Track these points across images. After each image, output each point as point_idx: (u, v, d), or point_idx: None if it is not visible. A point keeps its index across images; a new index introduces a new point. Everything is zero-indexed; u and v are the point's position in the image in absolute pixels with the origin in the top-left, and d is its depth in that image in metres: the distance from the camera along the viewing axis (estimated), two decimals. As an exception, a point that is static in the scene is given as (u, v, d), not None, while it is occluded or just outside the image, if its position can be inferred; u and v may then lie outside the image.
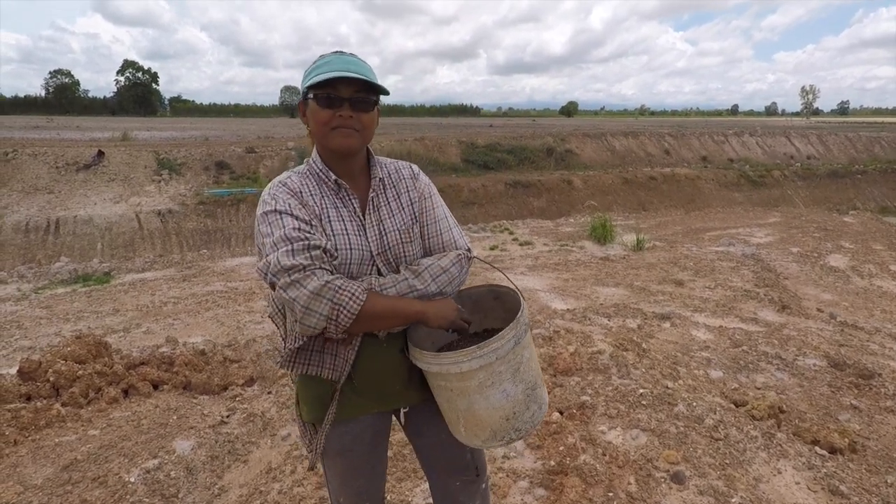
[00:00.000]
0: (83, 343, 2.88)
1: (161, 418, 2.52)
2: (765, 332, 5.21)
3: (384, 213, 1.30)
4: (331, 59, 1.22)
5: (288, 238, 1.11)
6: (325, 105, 1.18)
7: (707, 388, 2.82)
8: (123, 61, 72.97)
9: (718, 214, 15.77)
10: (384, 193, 1.33)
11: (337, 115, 1.18)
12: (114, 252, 9.97)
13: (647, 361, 2.97)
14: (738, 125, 35.34)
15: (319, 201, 1.23)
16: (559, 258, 8.57)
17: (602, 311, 5.72)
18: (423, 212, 1.36)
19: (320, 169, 1.28)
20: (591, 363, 2.79)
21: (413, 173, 1.41)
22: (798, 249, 9.09)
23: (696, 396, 2.57)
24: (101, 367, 2.80)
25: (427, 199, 1.38)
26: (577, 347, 2.94)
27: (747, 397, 2.78)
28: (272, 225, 1.15)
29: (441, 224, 1.37)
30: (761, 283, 6.94)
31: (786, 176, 21.82)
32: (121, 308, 6.15)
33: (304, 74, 1.24)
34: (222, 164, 14.02)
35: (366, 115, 1.22)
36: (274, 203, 1.18)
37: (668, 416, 2.33)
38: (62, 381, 2.61)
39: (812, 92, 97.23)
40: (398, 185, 1.36)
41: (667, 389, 2.56)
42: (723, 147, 25.06)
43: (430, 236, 1.34)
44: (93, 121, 35.65)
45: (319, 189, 1.26)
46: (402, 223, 1.31)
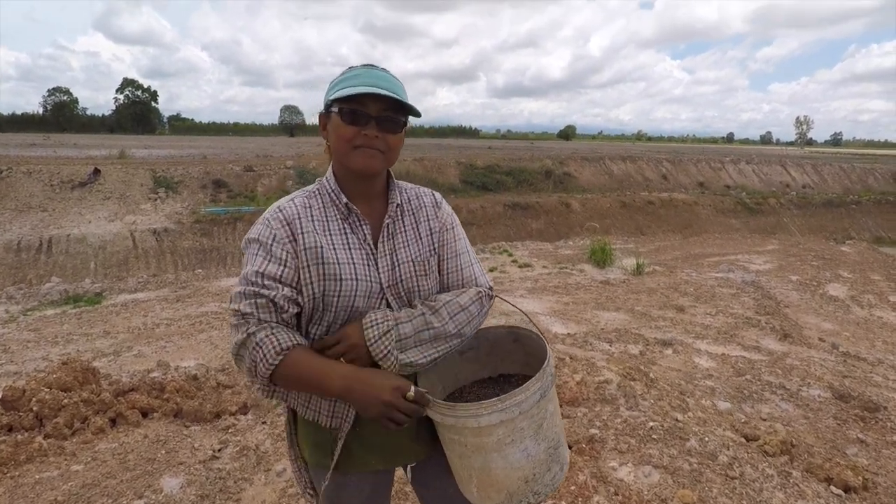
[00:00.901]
0: (69, 369, 2.77)
1: (149, 452, 2.39)
2: (767, 360, 5.13)
3: (399, 242, 1.19)
4: (360, 73, 1.12)
5: (247, 279, 1.06)
6: (350, 121, 1.09)
7: (717, 421, 2.73)
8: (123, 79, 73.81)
9: (716, 240, 15.81)
10: (401, 220, 1.22)
11: (362, 133, 1.09)
12: (107, 271, 9.83)
13: (656, 392, 2.88)
14: (735, 153, 35.80)
15: (323, 227, 1.13)
16: (559, 281, 8.50)
17: (603, 336, 5.63)
18: (443, 244, 1.24)
19: (332, 189, 1.17)
20: (599, 393, 2.70)
21: (435, 201, 1.29)
22: (797, 277, 9.07)
23: (706, 430, 2.48)
24: (88, 394, 2.68)
25: (448, 231, 1.26)
26: (583, 376, 2.86)
27: (758, 431, 2.68)
28: (248, 256, 1.11)
29: (462, 259, 1.26)
30: (762, 310, 6.88)
31: (782, 204, 22.02)
32: (112, 330, 6.00)
33: (330, 86, 1.15)
34: (220, 182, 13.99)
35: (393, 137, 1.12)
36: (258, 232, 1.11)
37: (681, 451, 2.24)
38: (46, 410, 2.48)
39: (806, 123, 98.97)
40: (418, 213, 1.25)
41: (677, 422, 2.47)
42: (719, 174, 25.31)
43: (449, 271, 1.23)
44: (90, 138, 35.74)
45: (326, 213, 1.15)
46: (419, 254, 1.20)
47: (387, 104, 1.10)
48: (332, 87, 1.13)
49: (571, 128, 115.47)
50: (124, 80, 73.79)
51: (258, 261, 1.07)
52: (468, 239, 1.33)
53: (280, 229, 1.10)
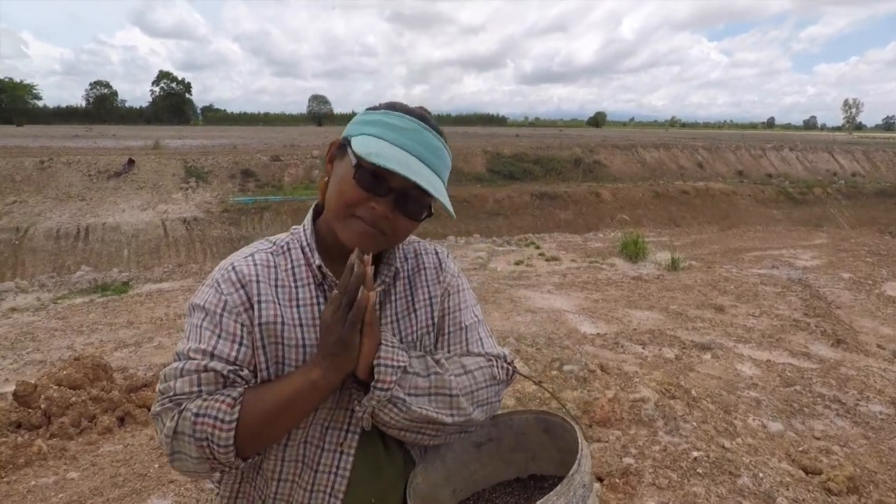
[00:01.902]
0: (81, 365, 2.69)
1: (147, 460, 2.28)
2: (819, 369, 4.74)
3: (386, 316, 0.92)
4: (406, 127, 0.84)
5: (185, 355, 0.80)
6: (363, 184, 0.81)
7: (770, 449, 2.44)
8: (159, 72, 75.68)
9: (758, 233, 15.05)
10: (392, 287, 0.94)
11: (370, 204, 0.81)
12: (139, 259, 10.00)
13: (699, 413, 2.60)
14: (777, 139, 34.17)
15: (288, 294, 0.86)
16: (588, 276, 8.16)
17: (636, 337, 5.32)
18: (444, 313, 0.96)
19: (306, 245, 0.90)
20: (634, 413, 2.44)
21: (438, 262, 1.00)
22: (850, 275, 8.46)
23: (759, 461, 2.19)
24: (98, 391, 2.60)
25: (453, 296, 0.98)
26: (616, 392, 2.60)
27: (820, 464, 2.38)
28: (189, 328, 0.85)
29: (469, 333, 0.96)
30: (811, 312, 6.41)
31: (828, 194, 20.82)
32: (135, 320, 6.04)
33: (359, 119, 0.88)
34: (248, 172, 14.08)
35: (407, 223, 0.85)
36: (204, 297, 0.85)
37: (731, 490, 1.97)
38: (54, 408, 2.42)
39: (855, 106, 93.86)
40: (414, 278, 0.96)
41: (724, 452, 2.20)
42: (760, 162, 24.16)
43: (452, 348, 0.94)
44: (128, 129, 36.77)
45: (294, 275, 0.88)
46: (411, 331, 0.92)
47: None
48: (362, 123, 0.86)
49: (602, 114, 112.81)
50: (160, 72, 75.76)
51: (203, 335, 0.81)
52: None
53: (232, 294, 0.84)
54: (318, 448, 0.85)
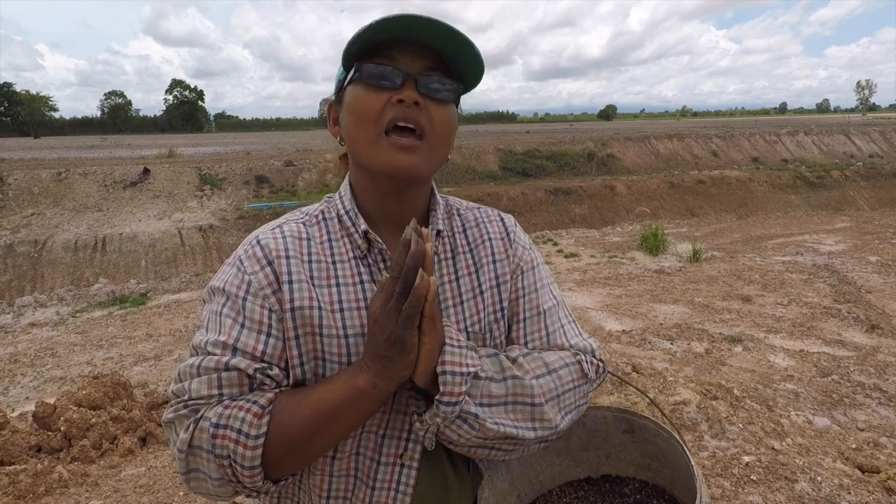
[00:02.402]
0: (100, 384, 2.67)
1: (171, 485, 2.24)
2: (855, 357, 4.59)
3: (447, 298, 0.76)
4: (392, 17, 0.68)
5: (202, 348, 0.68)
6: (375, 85, 0.69)
7: (822, 448, 2.34)
8: (172, 80, 76.72)
9: (778, 219, 14.77)
10: (451, 261, 0.78)
11: (394, 98, 0.68)
12: (157, 269, 10.08)
13: (744, 414, 2.51)
14: (791, 123, 33.56)
15: (325, 271, 0.72)
16: (609, 271, 8.04)
17: (663, 332, 5.21)
18: (518, 296, 0.80)
19: (346, 210, 0.76)
20: (676, 417, 2.35)
21: (505, 230, 0.84)
22: (877, 258, 8.24)
23: (812, 461, 2.10)
24: (119, 411, 2.58)
25: (527, 275, 0.82)
26: (655, 396, 2.51)
27: (877, 461, 2.27)
28: (207, 315, 0.72)
29: (549, 318, 0.80)
30: (841, 298, 6.23)
31: (846, 176, 20.36)
32: (154, 333, 6.06)
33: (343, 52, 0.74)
34: (262, 177, 14.14)
35: (440, 109, 0.71)
36: (225, 278, 0.72)
37: (790, 497, 1.87)
38: (74, 430, 2.39)
39: (869, 87, 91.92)
40: (478, 249, 0.81)
41: (776, 454, 2.10)
42: (775, 147, 23.74)
43: (530, 337, 0.79)
44: (143, 139, 37.26)
45: (331, 248, 0.74)
46: (478, 319, 0.77)
47: (430, 60, 0.70)
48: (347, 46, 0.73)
49: (612, 107, 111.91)
50: (173, 81, 76.81)
51: (224, 324, 0.68)
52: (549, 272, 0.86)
53: (257, 273, 0.70)
54: (373, 461, 0.72)
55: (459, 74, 0.73)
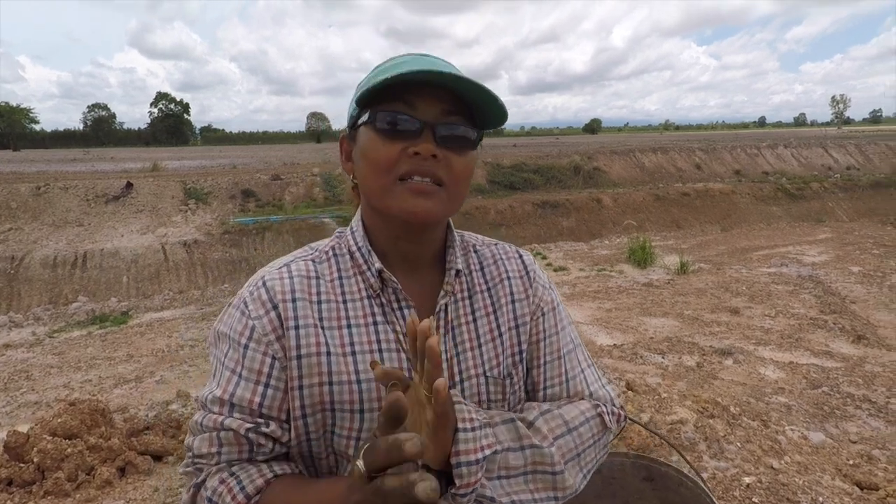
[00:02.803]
0: (77, 411, 2.55)
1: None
2: (843, 368, 4.62)
3: (464, 340, 0.72)
4: (406, 59, 0.69)
5: (205, 405, 0.68)
6: (390, 133, 0.65)
7: (819, 465, 2.32)
8: (157, 93, 76.17)
9: (762, 231, 14.99)
10: (467, 302, 0.74)
11: (410, 150, 0.64)
12: (139, 286, 9.87)
13: (741, 432, 2.48)
14: (771, 137, 34.31)
15: (335, 312, 0.69)
16: (598, 285, 8.05)
17: (654, 346, 5.20)
18: (538, 339, 0.76)
19: (358, 247, 0.72)
20: (673, 437, 2.32)
21: (524, 269, 0.80)
22: (859, 269, 8.37)
23: (812, 480, 2.07)
24: (96, 439, 2.46)
25: (548, 315, 0.78)
26: (651, 416, 2.48)
27: (875, 478, 2.26)
28: (214, 361, 0.71)
29: (569, 363, 0.77)
30: (827, 308, 6.30)
31: (825, 188, 20.83)
32: (135, 353, 5.88)
33: (358, 86, 0.72)
34: (248, 191, 14.00)
35: (459, 160, 0.67)
36: (229, 323, 0.69)
37: None
38: (48, 461, 2.27)
39: (843, 101, 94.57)
40: (496, 289, 0.76)
41: (776, 474, 2.08)
42: (756, 160, 24.22)
43: (548, 383, 0.75)
44: (127, 152, 36.84)
45: (343, 287, 0.71)
46: (497, 363, 0.72)
47: (450, 104, 0.66)
48: (360, 87, 0.71)
49: (597, 121, 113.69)
50: (158, 93, 76.31)
51: (223, 376, 0.67)
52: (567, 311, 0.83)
53: (262, 318, 0.67)
54: None
55: (481, 118, 0.69)
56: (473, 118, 0.69)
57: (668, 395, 3.01)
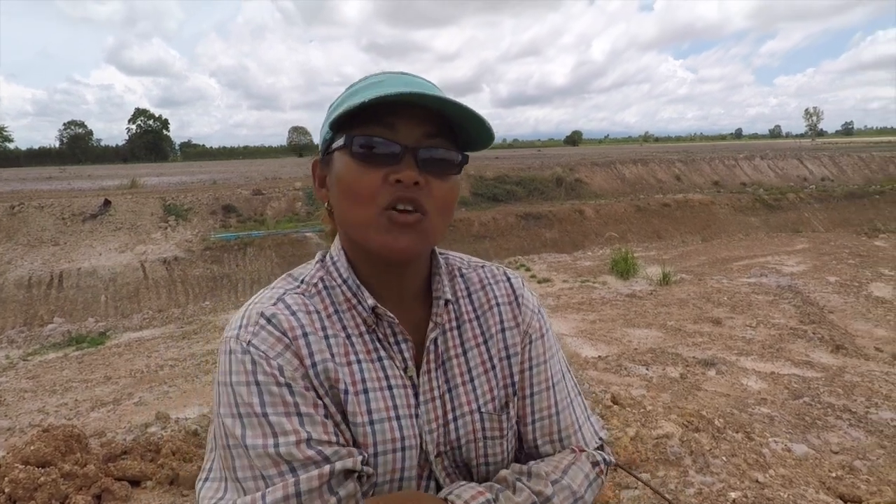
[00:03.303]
0: (51, 437, 2.46)
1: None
2: (824, 378, 4.68)
3: (455, 375, 0.69)
4: (382, 79, 0.64)
5: (286, 462, 0.55)
6: (366, 160, 0.60)
7: (803, 478, 2.33)
8: (135, 109, 75.39)
9: (741, 241, 15.27)
10: (456, 332, 0.70)
11: (391, 177, 0.60)
12: (118, 305, 9.64)
13: (726, 446, 2.48)
14: (748, 148, 35.15)
15: (343, 348, 0.64)
16: (582, 296, 8.09)
17: (638, 357, 5.22)
18: (525, 367, 0.72)
19: (345, 280, 0.67)
20: (659, 452, 2.31)
21: (512, 293, 0.75)
22: (836, 279, 8.55)
23: (797, 494, 2.08)
24: (71, 466, 2.37)
25: (536, 342, 0.73)
26: (637, 430, 2.47)
27: (858, 490, 2.27)
28: (245, 422, 0.57)
29: (557, 392, 0.73)
30: (806, 319, 6.40)
31: (801, 199, 21.36)
32: (113, 375, 5.71)
33: (330, 110, 0.67)
34: (229, 207, 13.85)
35: (443, 185, 0.63)
36: (241, 370, 0.59)
37: None
38: (20, 491, 2.17)
39: (816, 114, 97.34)
40: (486, 317, 0.72)
41: (761, 489, 2.08)
42: (734, 171, 24.76)
43: (538, 416, 0.71)
44: (104, 169, 36.25)
45: (341, 321, 0.65)
46: (491, 397, 0.69)
47: (432, 126, 0.61)
48: (333, 109, 0.66)
49: (578, 133, 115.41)
50: (136, 110, 75.54)
51: (282, 420, 0.57)
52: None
53: (283, 354, 0.60)
54: None
55: (465, 139, 0.65)
56: (457, 140, 0.65)
57: (654, 407, 3.01)
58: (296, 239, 12.48)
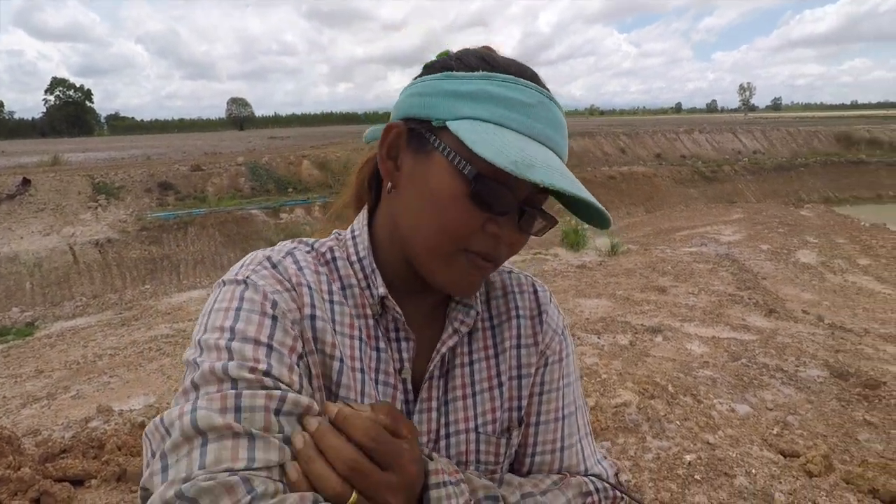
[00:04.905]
0: (-24, 442, 2.25)
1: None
2: (759, 340, 5.00)
3: (456, 387, 0.61)
4: (533, 103, 0.54)
5: (231, 380, 0.46)
6: (485, 204, 0.52)
7: (748, 437, 2.47)
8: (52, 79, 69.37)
9: (682, 212, 15.99)
10: (465, 339, 0.63)
11: (489, 229, 0.53)
12: (45, 293, 8.96)
13: (679, 410, 2.60)
14: (687, 122, 36.54)
15: (343, 318, 0.58)
16: (535, 269, 8.24)
17: (590, 327, 5.38)
18: (535, 392, 0.64)
19: (360, 260, 0.60)
20: (619, 420, 2.39)
21: (537, 307, 0.67)
22: (768, 246, 9.12)
23: (744, 453, 2.21)
24: (3, 471, 2.18)
25: (552, 367, 0.65)
26: (597, 400, 2.55)
27: (796, 446, 2.44)
28: (204, 346, 0.49)
29: (567, 426, 0.65)
30: (742, 285, 6.80)
31: (736, 171, 22.59)
32: (45, 368, 5.30)
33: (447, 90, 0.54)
34: (166, 184, 13.05)
35: (524, 240, 0.58)
36: (238, 295, 0.52)
37: (731, 494, 1.95)
38: (-55, 501, 1.99)
39: (749, 89, 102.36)
40: (502, 328, 0.65)
41: (713, 450, 2.19)
42: (675, 144, 25.73)
43: (538, 447, 0.64)
44: (20, 144, 33.29)
45: (343, 303, 0.58)
46: (492, 418, 0.62)
47: None
48: (455, 96, 0.53)
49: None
50: (53, 79, 69.35)
51: (235, 350, 0.48)
52: (577, 361, 0.70)
53: (281, 293, 0.54)
54: None
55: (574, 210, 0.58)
56: None
57: (608, 376, 3.11)
58: (241, 216, 11.97)
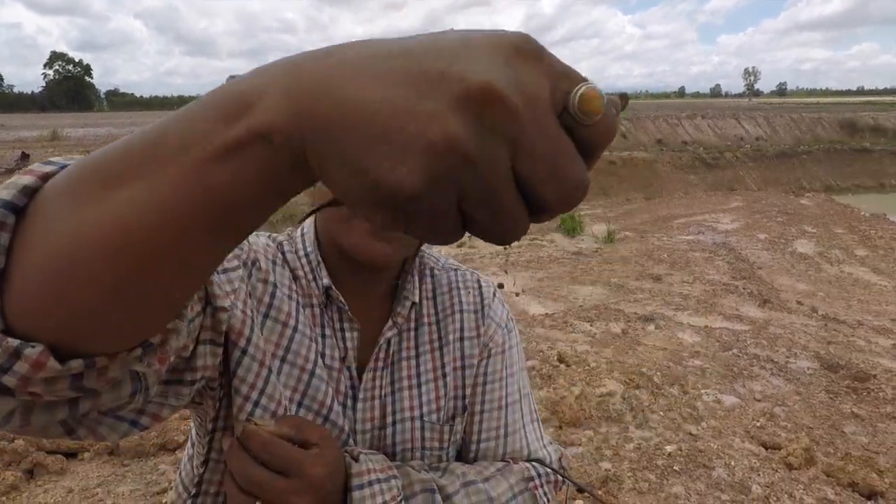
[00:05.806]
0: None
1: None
2: (751, 330, 5.02)
3: (402, 378, 0.64)
4: None
5: None
6: None
7: (731, 428, 2.50)
8: (51, 53, 68.63)
9: (681, 200, 15.94)
10: (412, 334, 0.66)
11: None
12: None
13: (664, 401, 2.63)
14: (690, 107, 36.25)
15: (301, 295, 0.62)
16: (531, 254, 8.24)
17: (583, 314, 5.40)
18: (479, 382, 0.68)
19: (306, 254, 0.64)
20: (602, 410, 2.41)
21: (480, 301, 0.70)
22: (765, 236, 9.11)
23: (725, 444, 2.23)
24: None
25: (495, 357, 0.69)
26: (582, 388, 2.57)
27: (778, 438, 2.47)
28: None
29: (510, 413, 0.68)
30: (738, 274, 6.81)
31: (738, 158, 22.45)
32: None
33: None
34: (164, 163, 13.02)
35: None
36: None
37: (709, 485, 1.98)
38: (-64, 475, 2.02)
39: (754, 74, 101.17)
40: (446, 322, 0.68)
41: (694, 441, 2.21)
42: (676, 130, 25.53)
43: (483, 435, 0.67)
44: (20, 118, 33.03)
45: (293, 292, 0.62)
46: (436, 407, 0.65)
47: None
48: None
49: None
50: (52, 53, 68.72)
51: None
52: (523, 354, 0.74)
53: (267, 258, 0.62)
54: None
55: None
56: None
57: (597, 364, 3.13)
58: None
